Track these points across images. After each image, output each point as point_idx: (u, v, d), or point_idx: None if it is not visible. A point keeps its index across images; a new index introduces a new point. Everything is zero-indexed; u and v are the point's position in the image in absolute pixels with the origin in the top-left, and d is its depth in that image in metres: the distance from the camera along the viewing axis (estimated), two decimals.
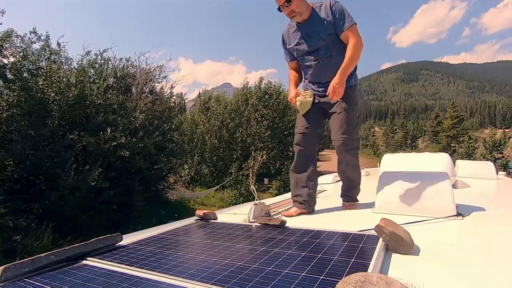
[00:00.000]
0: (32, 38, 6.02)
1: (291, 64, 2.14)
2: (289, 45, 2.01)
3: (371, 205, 1.88)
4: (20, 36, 5.83)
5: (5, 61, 5.46)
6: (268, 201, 2.07)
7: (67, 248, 1.07)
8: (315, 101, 1.98)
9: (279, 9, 1.81)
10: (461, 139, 38.72)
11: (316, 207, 2.01)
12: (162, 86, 10.17)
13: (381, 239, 1.08)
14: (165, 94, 10.09)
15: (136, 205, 6.83)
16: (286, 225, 1.46)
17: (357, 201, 2.00)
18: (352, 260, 0.93)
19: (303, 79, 2.13)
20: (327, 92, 1.78)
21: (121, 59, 8.72)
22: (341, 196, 2.01)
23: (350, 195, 1.97)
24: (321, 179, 2.98)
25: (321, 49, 1.88)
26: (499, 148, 23.06)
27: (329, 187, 2.84)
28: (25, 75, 5.59)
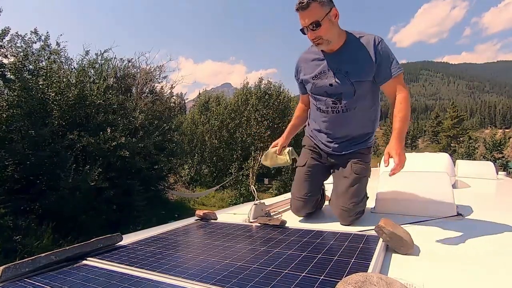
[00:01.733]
0: (33, 38, 6.04)
1: (303, 98, 1.76)
2: (304, 75, 1.59)
3: (371, 205, 1.88)
4: (21, 36, 5.84)
5: (5, 61, 5.46)
6: (268, 201, 2.07)
7: (67, 248, 1.07)
8: (322, 161, 1.67)
9: (302, 30, 1.40)
10: (461, 139, 38.75)
11: None
12: (162, 86, 10.19)
13: (381, 239, 1.08)
14: (165, 94, 10.11)
15: (136, 205, 6.83)
16: (286, 225, 1.47)
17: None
18: (352, 260, 0.93)
19: (309, 122, 1.75)
20: (383, 159, 1.33)
21: (121, 59, 8.73)
22: None
23: None
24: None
25: (345, 96, 1.49)
26: (499, 148, 23.06)
27: (329, 187, 2.84)
28: (25, 75, 5.59)
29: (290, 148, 1.77)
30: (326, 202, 1.95)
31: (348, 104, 1.50)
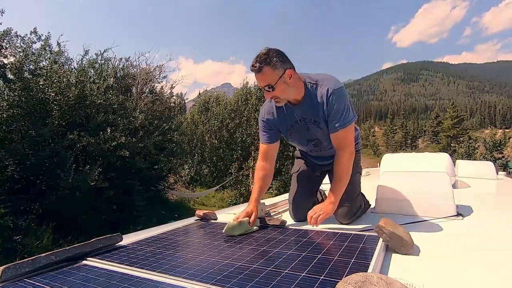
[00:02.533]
0: (33, 38, 6.03)
1: (267, 150, 1.60)
2: (278, 124, 1.56)
3: (371, 205, 1.88)
4: (21, 36, 5.84)
5: (5, 61, 5.46)
6: (268, 201, 2.07)
7: (67, 248, 1.07)
8: (315, 169, 1.73)
9: (260, 88, 1.47)
10: (461, 139, 38.76)
11: None
12: (162, 86, 10.18)
13: (381, 239, 1.08)
14: (165, 94, 10.10)
15: (136, 205, 6.83)
16: (286, 225, 1.47)
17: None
18: (352, 260, 0.93)
19: (296, 148, 1.82)
20: (308, 219, 1.41)
21: (121, 59, 8.73)
22: None
23: None
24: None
25: (323, 140, 1.54)
26: (499, 148, 23.06)
27: (329, 187, 2.84)
28: (25, 75, 5.59)
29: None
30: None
31: (329, 145, 1.54)
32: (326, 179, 1.79)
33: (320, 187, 1.89)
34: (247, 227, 1.37)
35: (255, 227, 1.43)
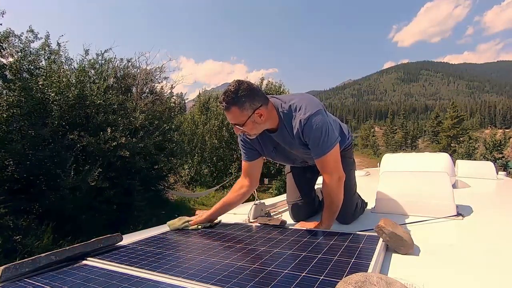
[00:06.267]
0: (30, 37, 6.00)
1: (247, 168, 1.56)
2: (259, 146, 1.51)
3: (371, 205, 1.88)
4: (18, 35, 5.81)
5: (5, 61, 5.45)
6: (268, 201, 2.07)
7: (67, 248, 1.07)
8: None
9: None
10: (461, 139, 38.72)
11: None
12: (162, 86, 10.17)
13: (381, 239, 1.08)
14: (165, 94, 10.09)
15: (136, 205, 6.82)
16: (286, 225, 1.46)
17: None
18: (352, 260, 0.93)
19: None
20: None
21: (121, 59, 8.72)
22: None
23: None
24: (321, 179, 2.96)
25: (308, 160, 1.52)
26: (499, 148, 23.06)
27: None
28: (25, 75, 5.59)
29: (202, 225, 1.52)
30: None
31: (313, 163, 1.47)
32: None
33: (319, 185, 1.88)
34: (186, 225, 1.49)
35: (199, 226, 1.50)
